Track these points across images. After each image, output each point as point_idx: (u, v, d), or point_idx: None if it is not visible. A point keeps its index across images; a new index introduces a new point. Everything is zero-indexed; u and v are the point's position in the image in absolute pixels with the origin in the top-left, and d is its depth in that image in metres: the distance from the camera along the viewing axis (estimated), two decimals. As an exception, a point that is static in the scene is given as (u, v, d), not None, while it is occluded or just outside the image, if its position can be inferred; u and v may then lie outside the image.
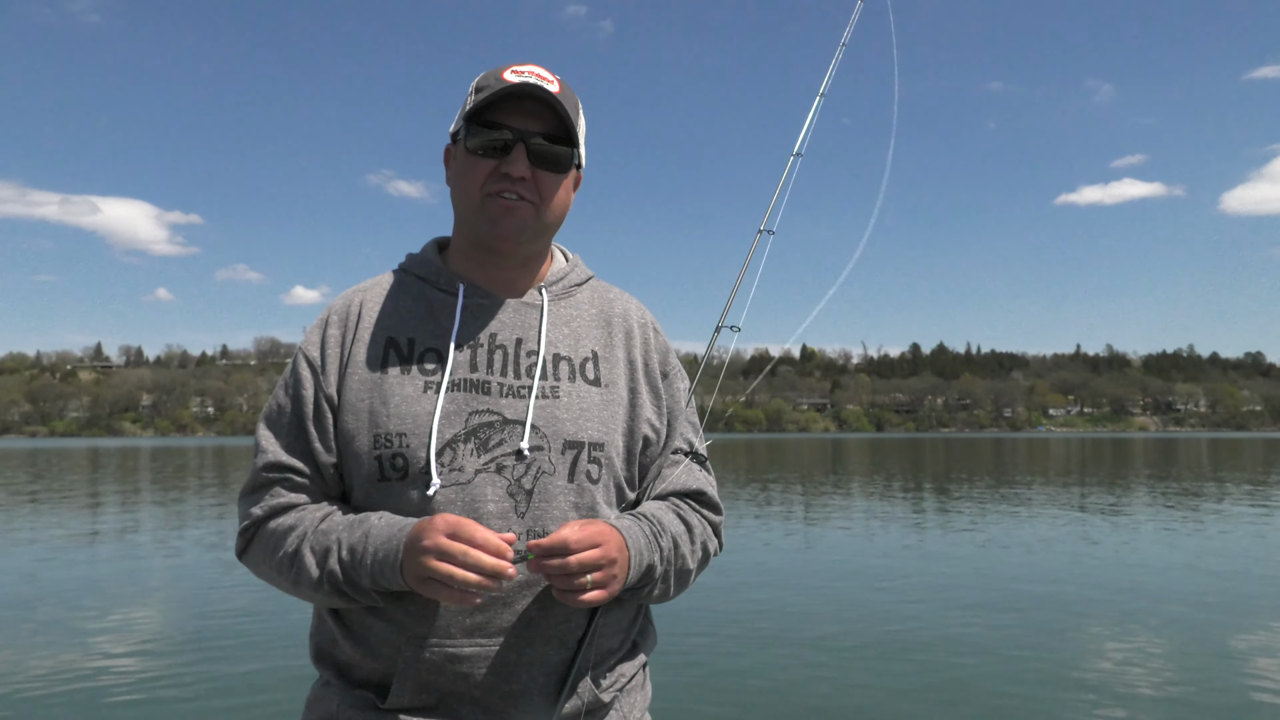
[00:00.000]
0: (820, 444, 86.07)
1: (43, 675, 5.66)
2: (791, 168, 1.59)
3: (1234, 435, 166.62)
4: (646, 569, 1.36)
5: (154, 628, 7.13)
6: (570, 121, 1.38)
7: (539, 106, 1.38)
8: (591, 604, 1.26)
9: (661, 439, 1.50)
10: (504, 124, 1.37)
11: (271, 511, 1.38)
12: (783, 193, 1.59)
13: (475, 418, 1.36)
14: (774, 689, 5.40)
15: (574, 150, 1.42)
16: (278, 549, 1.35)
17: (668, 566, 1.40)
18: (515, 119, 1.37)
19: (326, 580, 1.30)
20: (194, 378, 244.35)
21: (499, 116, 1.37)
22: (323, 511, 1.36)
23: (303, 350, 1.44)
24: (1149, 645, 6.37)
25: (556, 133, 1.39)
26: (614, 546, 1.28)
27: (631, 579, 1.33)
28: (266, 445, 1.40)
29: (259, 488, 1.40)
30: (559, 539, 1.23)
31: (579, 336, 1.47)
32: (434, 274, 1.46)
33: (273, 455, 1.39)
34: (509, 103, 1.37)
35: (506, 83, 1.36)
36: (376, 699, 1.33)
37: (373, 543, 1.28)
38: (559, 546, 1.23)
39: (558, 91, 1.37)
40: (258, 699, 5.21)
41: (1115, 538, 12.36)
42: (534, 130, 1.37)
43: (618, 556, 1.28)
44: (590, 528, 1.26)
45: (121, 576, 9.56)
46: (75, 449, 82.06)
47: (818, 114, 1.60)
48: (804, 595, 8.27)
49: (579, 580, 1.24)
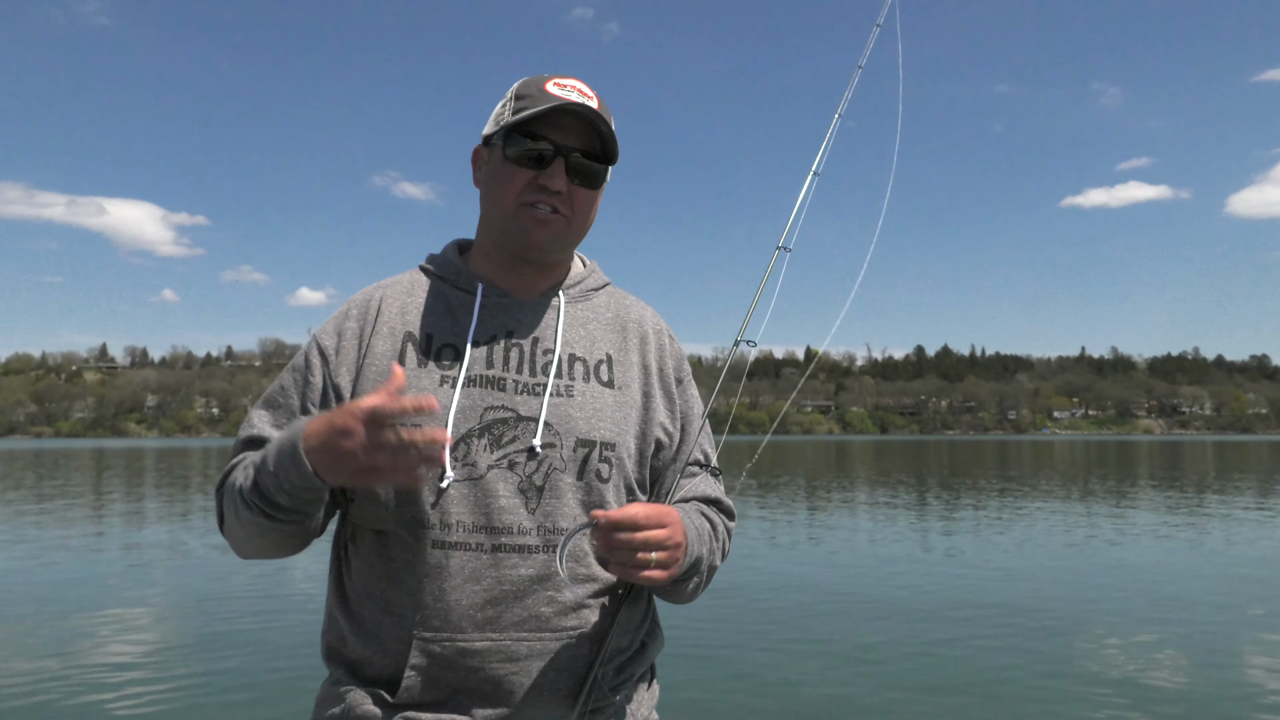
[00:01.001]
0: (824, 446, 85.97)
1: (46, 674, 5.68)
2: (810, 187, 1.61)
3: (1239, 438, 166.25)
4: (695, 560, 1.38)
5: (163, 627, 7.15)
6: (611, 140, 1.41)
7: (580, 122, 1.40)
8: (651, 583, 1.27)
9: (674, 443, 1.52)
10: (546, 136, 1.39)
11: (230, 469, 1.39)
12: (800, 211, 1.60)
13: (490, 413, 1.37)
14: (780, 689, 5.41)
15: (608, 168, 1.45)
16: (231, 500, 1.34)
17: (708, 560, 1.44)
18: (557, 133, 1.39)
19: (245, 504, 1.27)
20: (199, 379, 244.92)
21: (540, 128, 1.39)
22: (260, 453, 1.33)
23: (317, 338, 1.45)
24: (1165, 649, 6.36)
25: (595, 149, 1.42)
26: (679, 531, 1.30)
27: (684, 568, 1.34)
28: (257, 420, 1.42)
29: (233, 456, 1.41)
30: (626, 514, 1.23)
31: (594, 339, 1.49)
32: (454, 274, 1.48)
33: (257, 430, 1.40)
34: (551, 115, 1.39)
35: (552, 96, 1.37)
36: (387, 695, 1.33)
37: (270, 455, 1.24)
38: (626, 521, 1.23)
39: (597, 109, 1.40)
40: (269, 697, 5.23)
41: (1125, 540, 12.33)
42: (574, 146, 1.40)
43: (682, 541, 1.30)
44: (658, 508, 1.27)
45: (129, 575, 9.58)
46: (80, 450, 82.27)
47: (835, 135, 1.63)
48: (813, 595, 8.27)
49: (643, 556, 1.24)
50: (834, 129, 1.63)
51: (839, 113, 1.62)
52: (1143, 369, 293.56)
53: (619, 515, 1.23)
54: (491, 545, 1.33)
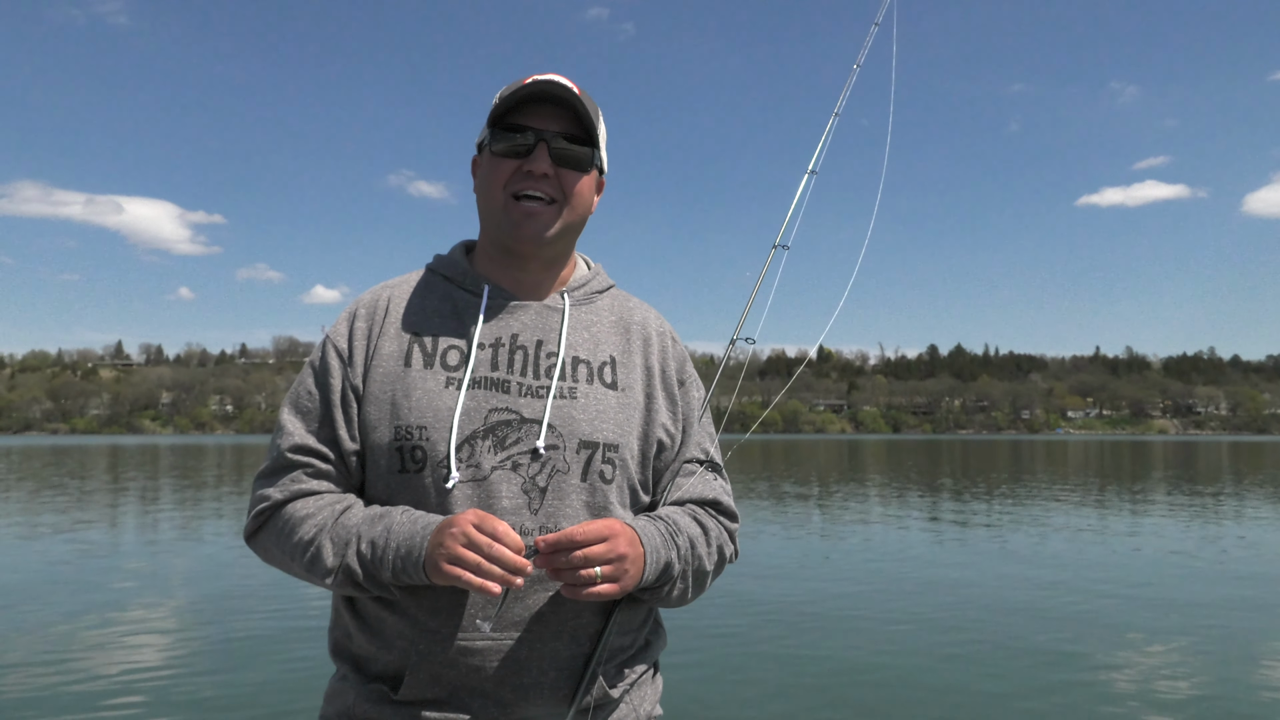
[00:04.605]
0: (837, 445, 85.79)
1: (55, 668, 5.74)
2: (807, 185, 1.62)
3: (1255, 439, 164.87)
4: (664, 567, 1.38)
5: (174, 622, 7.20)
6: (590, 120, 1.43)
7: (560, 109, 1.43)
8: (600, 598, 1.27)
9: (676, 444, 1.53)
10: (526, 125, 1.42)
11: (291, 496, 1.39)
12: (798, 209, 1.62)
13: (494, 415, 1.39)
14: (785, 687, 5.42)
15: (595, 151, 1.46)
16: (293, 534, 1.36)
17: (686, 566, 1.43)
18: (536, 120, 1.42)
19: (343, 571, 1.32)
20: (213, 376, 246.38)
21: (521, 119, 1.42)
22: (344, 503, 1.38)
23: (331, 340, 1.47)
24: (1181, 650, 6.33)
25: (577, 133, 1.44)
26: (623, 541, 1.29)
27: (649, 577, 1.35)
28: (291, 428, 1.42)
29: (279, 469, 1.41)
30: (564, 535, 1.25)
31: (598, 341, 1.50)
32: (460, 275, 1.50)
33: (298, 438, 1.41)
34: (530, 106, 1.43)
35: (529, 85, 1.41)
36: (391, 691, 1.35)
37: (395, 538, 1.30)
38: (564, 541, 1.25)
39: (578, 94, 1.43)
40: (278, 692, 5.27)
41: (1140, 540, 12.28)
42: (555, 130, 1.42)
43: (627, 551, 1.29)
44: (597, 524, 1.28)
45: (138, 570, 9.66)
46: (96, 446, 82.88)
47: (832, 133, 1.64)
48: (821, 593, 8.27)
49: (585, 573, 1.25)
50: (831, 127, 1.64)
51: (836, 111, 1.64)
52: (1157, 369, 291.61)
53: (555, 537, 1.25)
54: None
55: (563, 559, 1.25)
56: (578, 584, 1.26)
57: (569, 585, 1.27)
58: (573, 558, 1.25)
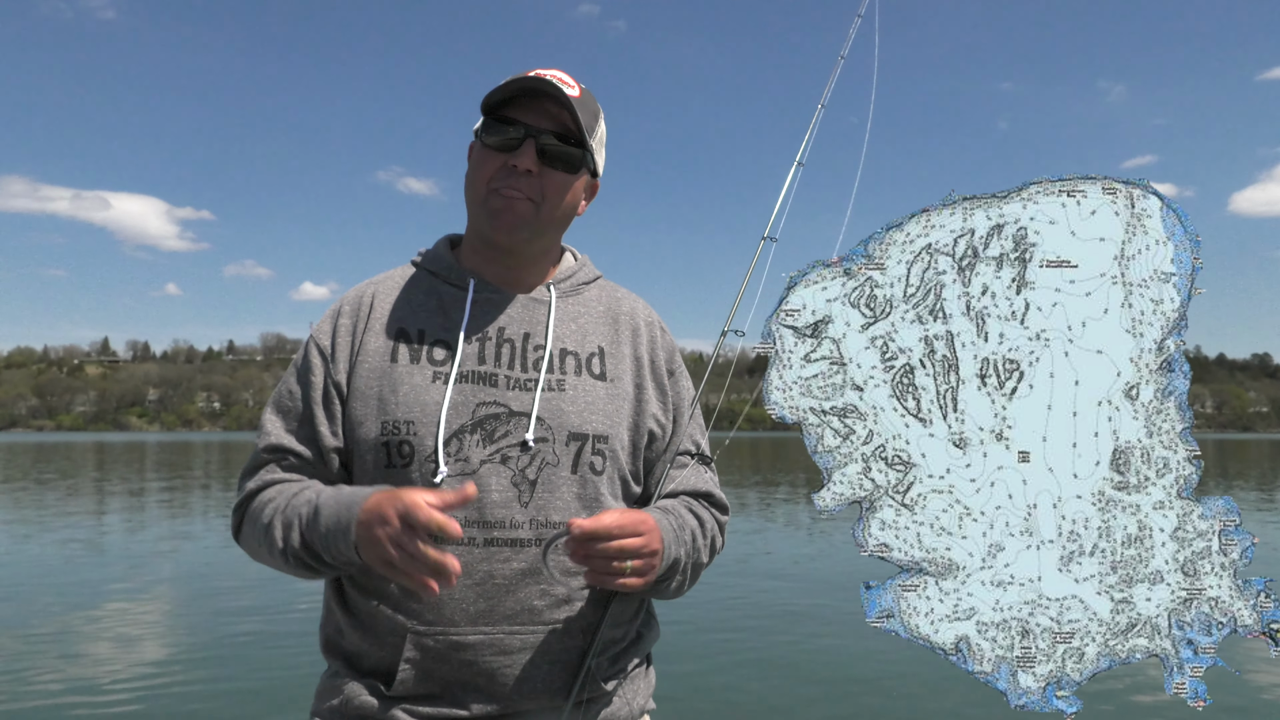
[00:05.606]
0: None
1: (48, 665, 5.71)
2: (794, 176, 1.61)
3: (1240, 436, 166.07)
4: (673, 562, 1.38)
5: (165, 619, 7.18)
6: (581, 123, 1.39)
7: (554, 106, 1.40)
8: (625, 589, 1.28)
9: (667, 434, 1.53)
10: (517, 120, 1.39)
11: (262, 485, 1.40)
12: (785, 201, 1.61)
13: (482, 409, 1.38)
14: (778, 683, 5.43)
15: (585, 153, 1.44)
16: (258, 521, 1.37)
17: (688, 560, 1.43)
18: (529, 116, 1.39)
19: (290, 552, 1.32)
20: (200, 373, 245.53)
21: (514, 113, 1.40)
22: (302, 485, 1.38)
23: (314, 338, 1.46)
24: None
25: (568, 133, 1.41)
26: (655, 538, 1.30)
27: (660, 571, 1.35)
28: (270, 428, 1.42)
29: (257, 467, 1.42)
30: (603, 524, 1.23)
31: (586, 332, 1.49)
32: (445, 269, 1.49)
33: (275, 437, 1.41)
34: (525, 100, 1.40)
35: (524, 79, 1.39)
36: (383, 687, 1.35)
37: (324, 519, 1.28)
38: (602, 532, 1.23)
39: (576, 96, 1.40)
40: (269, 690, 5.25)
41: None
42: (545, 128, 1.39)
43: (658, 548, 1.31)
44: (633, 516, 1.27)
45: (130, 568, 9.60)
46: (81, 443, 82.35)
47: (818, 124, 1.64)
48: (816, 585, 8.30)
49: (618, 565, 1.25)
50: (817, 119, 1.64)
51: (822, 103, 1.63)
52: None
53: (593, 525, 1.22)
54: (484, 539, 1.33)
55: (595, 547, 1.24)
56: (608, 574, 1.26)
57: (596, 574, 1.26)
58: (608, 548, 1.23)
